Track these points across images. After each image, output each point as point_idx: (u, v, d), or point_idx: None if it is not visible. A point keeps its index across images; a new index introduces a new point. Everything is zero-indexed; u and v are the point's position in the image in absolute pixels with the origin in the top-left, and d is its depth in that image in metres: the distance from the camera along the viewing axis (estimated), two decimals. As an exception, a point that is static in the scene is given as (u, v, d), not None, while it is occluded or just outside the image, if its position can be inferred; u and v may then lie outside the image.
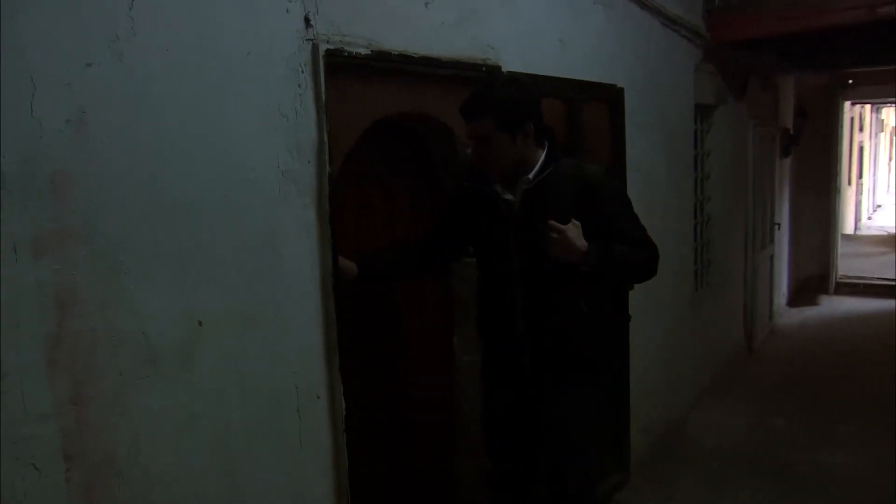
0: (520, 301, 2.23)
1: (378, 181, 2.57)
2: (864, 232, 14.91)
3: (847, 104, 10.33)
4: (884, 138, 19.57)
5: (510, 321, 2.24)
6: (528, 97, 2.21)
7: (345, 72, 2.13)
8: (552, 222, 2.08)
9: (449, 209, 2.49)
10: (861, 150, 15.64)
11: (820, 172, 8.74)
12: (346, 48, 2.08)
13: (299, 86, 1.97)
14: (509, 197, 2.25)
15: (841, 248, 9.41)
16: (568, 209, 2.14)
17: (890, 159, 21.10)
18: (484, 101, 2.16)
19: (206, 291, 1.77)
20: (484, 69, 2.65)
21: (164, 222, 1.66)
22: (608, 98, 3.39)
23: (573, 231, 2.08)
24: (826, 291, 8.80)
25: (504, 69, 2.75)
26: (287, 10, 1.92)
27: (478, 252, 2.42)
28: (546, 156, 2.23)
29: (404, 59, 2.30)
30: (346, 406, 2.16)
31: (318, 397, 2.09)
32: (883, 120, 18.55)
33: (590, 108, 3.28)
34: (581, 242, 2.09)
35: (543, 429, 2.26)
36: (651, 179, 4.13)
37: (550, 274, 2.18)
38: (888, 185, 21.13)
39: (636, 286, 3.42)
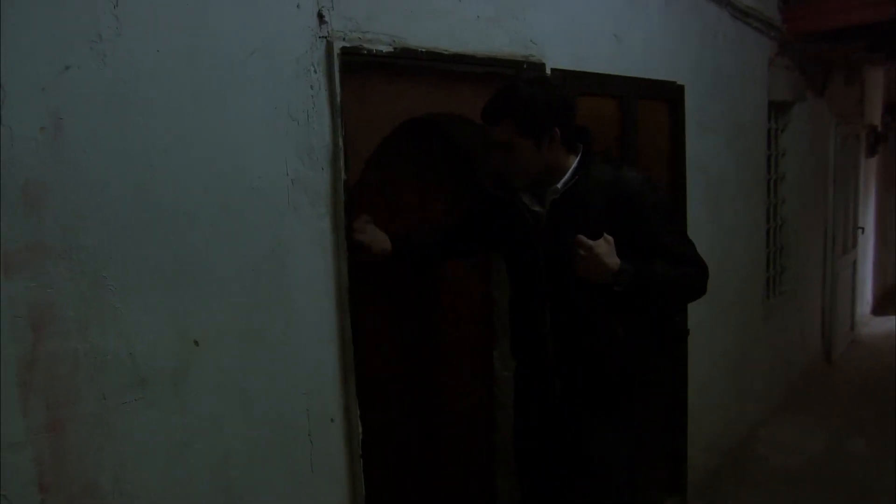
0: (549, 321, 2.04)
1: (410, 185, 2.42)
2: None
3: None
4: None
5: (539, 343, 2.05)
6: (555, 98, 1.97)
7: (365, 71, 1.99)
8: (580, 237, 1.88)
9: (470, 215, 2.31)
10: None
11: (910, 172, 8.15)
12: (366, 46, 1.93)
13: (311, 87, 1.83)
14: (537, 208, 2.05)
15: (933, 253, 8.77)
16: (600, 222, 1.93)
17: None
18: (505, 104, 1.95)
19: (204, 308, 1.65)
20: (525, 66, 2.46)
21: (155, 235, 1.55)
22: (667, 96, 3.15)
23: (603, 247, 1.87)
24: (915, 300, 8.21)
25: (548, 66, 2.56)
26: (298, 6, 1.79)
27: (506, 265, 2.24)
28: (579, 162, 2.02)
29: (433, 56, 2.14)
30: (362, 429, 2.02)
31: (332, 420, 1.95)
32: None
33: (646, 108, 3.05)
34: (612, 260, 1.88)
35: (575, 464, 2.06)
36: (717, 181, 3.85)
37: (582, 292, 1.98)
38: None
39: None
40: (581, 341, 2.02)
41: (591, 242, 1.87)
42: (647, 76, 3.09)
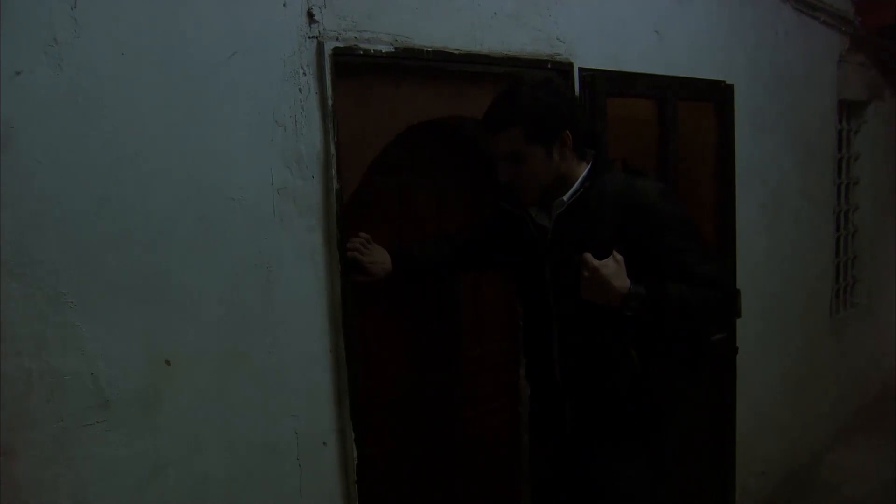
0: (557, 344, 1.87)
1: (426, 192, 2.28)
2: None
3: None
4: None
5: (549, 367, 1.88)
6: (563, 99, 1.80)
7: (365, 73, 1.87)
8: (585, 256, 1.70)
9: (481, 228, 2.16)
10: None
11: None
12: (362, 46, 1.81)
13: (300, 90, 1.72)
14: (544, 222, 1.88)
15: None
16: (610, 237, 1.75)
17: None
18: (510, 109, 1.77)
19: (177, 326, 1.56)
20: (549, 66, 2.30)
21: (121, 249, 1.46)
22: (713, 97, 2.92)
23: (611, 268, 1.68)
24: None
25: (577, 66, 2.39)
26: (284, 4, 1.68)
27: (516, 283, 2.07)
28: (588, 171, 1.83)
29: (443, 56, 2.01)
30: (367, 453, 1.91)
31: (324, 444, 1.84)
32: None
33: (690, 109, 2.83)
34: (621, 282, 1.69)
35: (589, 496, 1.89)
36: (776, 188, 3.58)
37: (591, 313, 1.80)
38: None
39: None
40: (591, 366, 1.84)
41: (596, 262, 1.68)
42: (692, 75, 2.88)
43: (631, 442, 1.85)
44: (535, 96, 1.75)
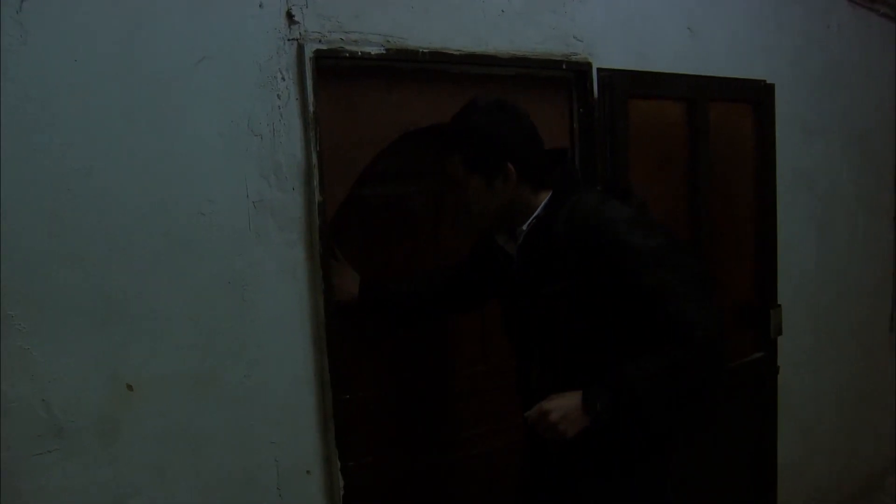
0: (535, 382, 1.73)
1: (424, 201, 2.12)
2: None
3: None
4: None
5: (530, 398, 1.71)
6: (509, 129, 1.62)
7: (353, 77, 1.76)
8: (526, 415, 1.60)
9: (467, 259, 2.00)
10: None
11: None
12: (349, 48, 1.70)
13: (278, 97, 1.61)
14: (512, 251, 1.74)
15: None
16: (570, 269, 1.58)
17: None
18: (454, 134, 1.65)
19: (140, 349, 1.47)
20: (564, 66, 2.14)
21: (76, 269, 1.38)
22: (751, 97, 2.70)
23: (554, 406, 1.55)
24: None
25: (596, 65, 2.23)
26: (260, 5, 1.57)
27: (502, 315, 1.91)
28: (551, 198, 1.66)
29: (442, 58, 1.88)
30: (358, 480, 1.80)
31: (308, 472, 1.73)
32: None
33: (724, 111, 2.63)
34: (571, 414, 1.53)
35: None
36: (827, 195, 3.33)
37: (568, 349, 1.64)
38: None
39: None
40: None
41: (537, 412, 1.56)
42: (730, 74, 2.67)
43: (619, 478, 1.68)
44: (479, 124, 1.62)
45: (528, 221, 1.66)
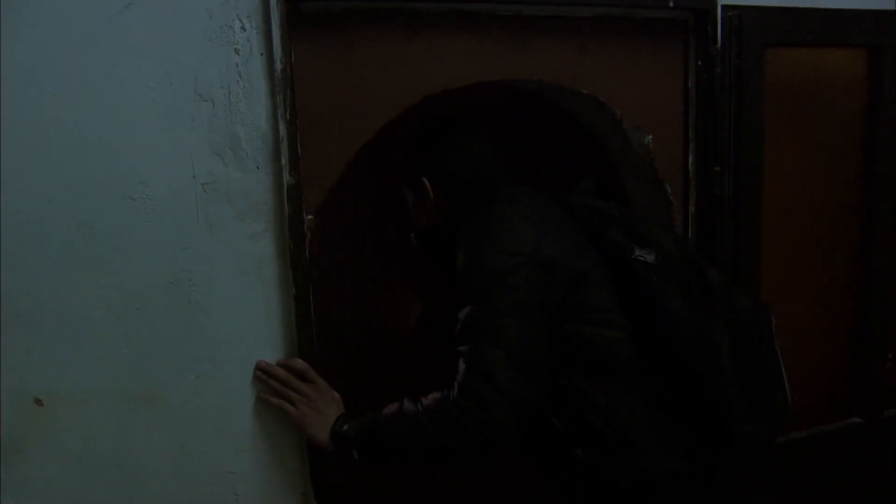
0: None
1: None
2: None
3: None
4: None
5: None
6: (433, 143, 1.42)
7: (344, 24, 1.37)
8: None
9: None
10: None
11: None
12: (337, -15, 1.31)
13: (237, 51, 1.27)
14: None
15: None
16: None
17: None
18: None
19: (53, 359, 1.24)
20: (672, 5, 1.60)
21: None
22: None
23: (317, 398, 1.35)
24: None
25: (720, 3, 1.64)
26: (209, -67, 1.23)
27: None
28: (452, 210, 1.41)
29: (480, -5, 1.43)
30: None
31: (277, 509, 1.43)
32: None
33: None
34: (321, 418, 1.34)
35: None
36: None
37: None
38: None
39: None
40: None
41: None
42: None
43: None
44: (416, 136, 1.46)
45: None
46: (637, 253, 1.27)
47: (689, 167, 1.72)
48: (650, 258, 1.26)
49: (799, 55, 1.71)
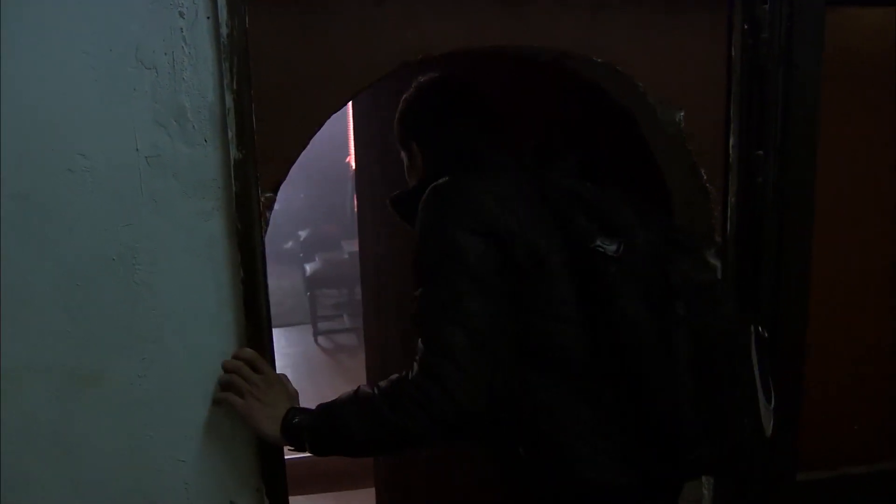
0: None
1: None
2: None
3: None
4: None
5: None
6: (428, 105, 1.32)
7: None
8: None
9: None
10: None
11: None
12: (291, -60, 1.19)
13: (181, 14, 1.18)
14: None
15: None
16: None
17: None
18: None
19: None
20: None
21: None
22: None
23: (267, 390, 1.24)
24: None
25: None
26: None
27: None
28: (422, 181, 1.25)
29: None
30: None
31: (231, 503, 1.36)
32: None
33: None
34: (268, 410, 1.21)
35: None
36: None
37: None
38: None
39: None
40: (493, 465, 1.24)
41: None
42: None
43: None
44: (407, 97, 1.34)
45: None
46: (598, 242, 1.08)
47: (730, 150, 1.48)
48: (610, 249, 1.07)
49: (868, 16, 1.42)
